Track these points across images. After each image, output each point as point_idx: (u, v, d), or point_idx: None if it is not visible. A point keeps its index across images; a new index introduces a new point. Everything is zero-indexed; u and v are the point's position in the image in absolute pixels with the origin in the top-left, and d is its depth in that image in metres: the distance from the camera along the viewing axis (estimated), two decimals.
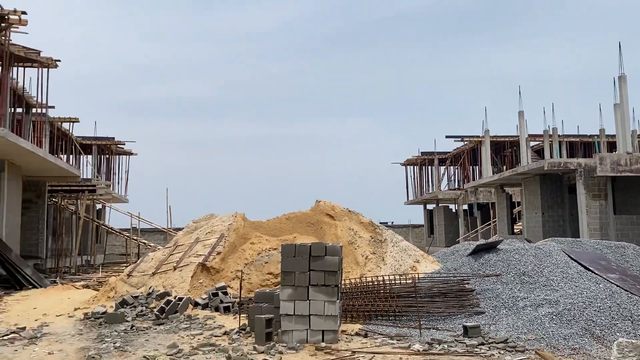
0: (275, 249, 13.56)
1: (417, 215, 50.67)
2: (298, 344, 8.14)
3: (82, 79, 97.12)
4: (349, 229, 13.88)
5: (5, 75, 17.68)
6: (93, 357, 7.59)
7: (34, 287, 16.73)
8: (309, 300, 8.44)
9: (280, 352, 7.73)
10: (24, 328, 10.21)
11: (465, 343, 8.17)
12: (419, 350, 7.83)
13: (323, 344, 8.16)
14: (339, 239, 13.35)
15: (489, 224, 34.30)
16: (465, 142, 37.31)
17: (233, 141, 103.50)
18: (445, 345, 8.08)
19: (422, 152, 43.31)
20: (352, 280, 11.18)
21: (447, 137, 37.59)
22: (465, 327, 8.77)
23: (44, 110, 24.08)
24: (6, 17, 16.76)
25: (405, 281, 10.86)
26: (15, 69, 20.59)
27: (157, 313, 10.75)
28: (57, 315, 11.66)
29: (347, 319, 9.93)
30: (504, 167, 38.26)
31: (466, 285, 10.74)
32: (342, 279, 10.06)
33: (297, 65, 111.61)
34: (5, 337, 9.45)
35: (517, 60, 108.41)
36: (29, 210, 22.97)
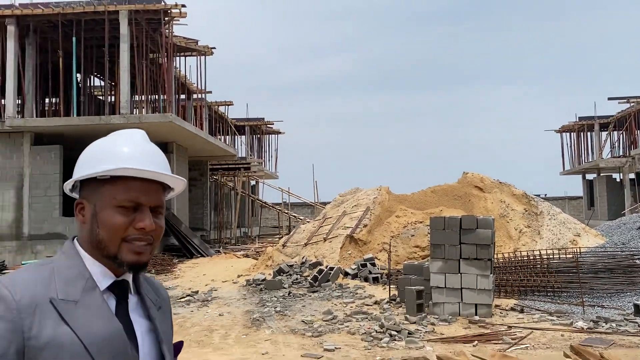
0: (420, 222, 13.51)
1: (574, 187, 46.80)
2: (450, 317, 8.09)
3: (234, 63, 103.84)
4: (500, 202, 13.32)
5: (170, 65, 19.51)
6: (258, 320, 8.27)
7: (202, 255, 18.56)
8: (460, 274, 8.32)
9: (432, 324, 7.74)
10: (196, 292, 11.43)
11: (637, 322, 7.50)
12: (582, 328, 7.35)
13: (476, 318, 8.02)
14: (489, 212, 12.88)
15: None
16: (632, 104, 33.45)
17: (375, 115, 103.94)
18: (614, 324, 7.49)
19: (579, 117, 39.67)
20: (505, 255, 10.76)
21: (609, 99, 34.03)
22: (637, 306, 8.04)
23: (202, 96, 26.20)
24: (169, 11, 18.41)
25: (564, 256, 10.20)
26: (177, 58, 22.63)
27: (310, 281, 11.34)
28: (223, 281, 12.84)
29: (501, 294, 9.61)
30: None
31: (637, 261, 9.78)
32: (495, 252, 9.74)
33: (440, 34, 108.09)
34: (182, 300, 10.68)
35: None
36: (194, 187, 25.38)
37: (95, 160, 1.14)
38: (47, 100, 22.88)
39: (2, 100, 18.47)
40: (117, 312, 1.11)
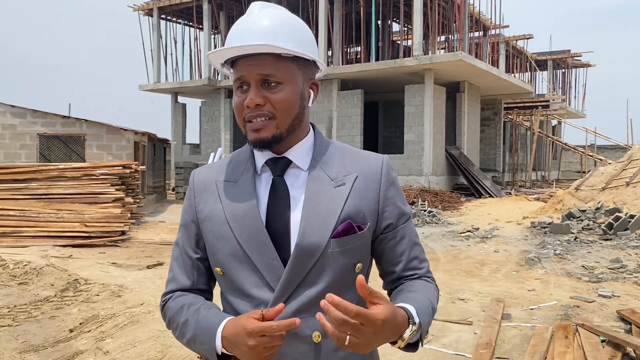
0: None
1: None
2: None
3: None
4: None
5: (463, 2, 19.21)
6: (532, 259, 8.00)
7: (490, 196, 18.40)
8: None
9: None
10: (477, 229, 11.56)
11: None
12: None
13: None
14: None
15: None
16: None
17: None
18: None
19: None
20: None
21: None
22: None
23: (498, 31, 25.10)
24: None
25: None
26: None
27: (604, 228, 10.26)
28: (506, 222, 12.62)
29: None
30: None
31: None
32: None
33: None
34: (462, 234, 10.97)
35: None
36: (487, 127, 24.91)
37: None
38: (351, 49, 25.22)
39: None
40: (273, 185, 1.18)
